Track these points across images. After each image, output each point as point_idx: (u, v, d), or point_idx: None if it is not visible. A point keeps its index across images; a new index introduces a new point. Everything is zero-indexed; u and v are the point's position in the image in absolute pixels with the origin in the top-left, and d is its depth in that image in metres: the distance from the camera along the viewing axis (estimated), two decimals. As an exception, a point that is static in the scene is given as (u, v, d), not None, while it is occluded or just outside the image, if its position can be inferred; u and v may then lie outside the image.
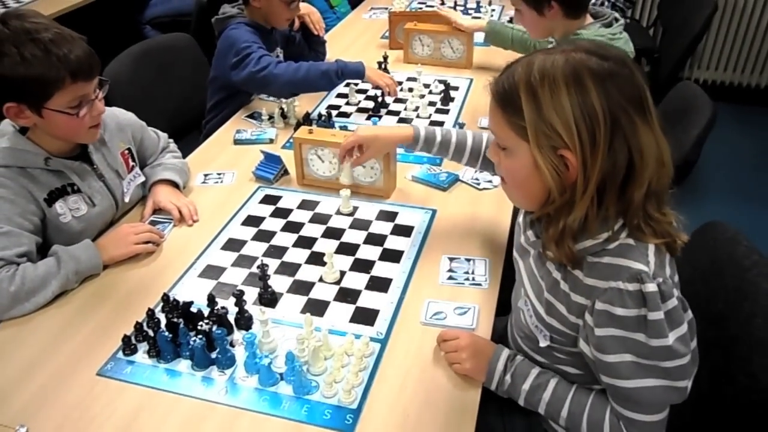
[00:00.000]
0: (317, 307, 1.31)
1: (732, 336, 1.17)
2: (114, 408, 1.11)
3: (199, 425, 1.08)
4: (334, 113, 2.10)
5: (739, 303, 1.18)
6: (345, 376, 1.14)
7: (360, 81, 2.17)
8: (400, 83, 2.32)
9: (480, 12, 3.04)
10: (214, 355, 1.18)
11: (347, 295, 1.34)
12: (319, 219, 1.60)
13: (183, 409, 1.11)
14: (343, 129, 1.89)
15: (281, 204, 1.66)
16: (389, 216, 1.60)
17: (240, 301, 1.26)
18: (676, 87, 2.05)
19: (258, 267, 1.34)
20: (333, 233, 1.54)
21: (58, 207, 1.41)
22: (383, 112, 2.14)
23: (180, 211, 1.58)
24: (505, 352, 1.15)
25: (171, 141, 1.79)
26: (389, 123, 2.04)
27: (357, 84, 2.29)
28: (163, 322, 1.22)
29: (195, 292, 1.35)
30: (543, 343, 1.11)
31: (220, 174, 1.79)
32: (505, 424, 1.26)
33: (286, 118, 2.06)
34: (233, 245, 1.50)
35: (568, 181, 0.97)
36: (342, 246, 1.50)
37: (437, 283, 1.38)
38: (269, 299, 1.32)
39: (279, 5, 2.12)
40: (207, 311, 1.24)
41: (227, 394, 1.13)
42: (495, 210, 1.62)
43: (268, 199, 1.68)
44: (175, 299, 1.27)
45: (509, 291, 1.30)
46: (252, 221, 1.59)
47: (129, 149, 1.61)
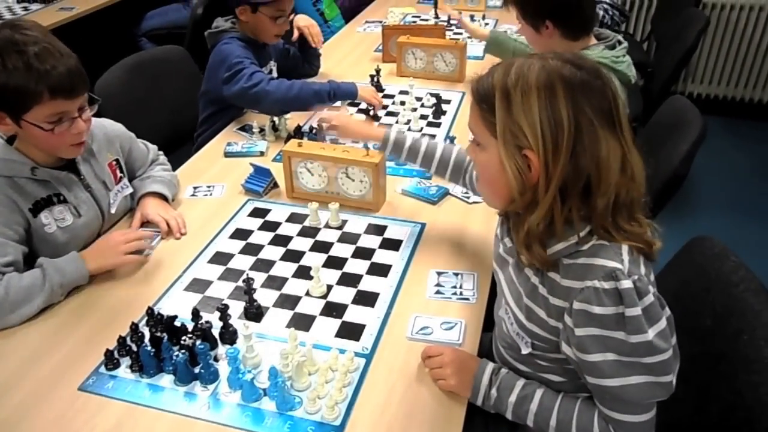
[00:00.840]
0: (303, 322, 1.30)
1: (718, 352, 1.16)
2: (95, 424, 1.10)
3: (180, 441, 1.07)
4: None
5: (726, 319, 1.17)
6: (329, 391, 1.13)
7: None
8: (392, 96, 2.33)
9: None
10: (197, 370, 1.17)
11: (333, 310, 1.34)
12: (308, 232, 1.59)
13: (164, 425, 1.09)
14: (334, 142, 1.89)
15: (270, 217, 1.65)
16: (378, 230, 1.60)
17: (224, 316, 1.25)
18: (666, 101, 2.05)
19: (244, 281, 1.33)
20: (321, 247, 1.54)
21: (43, 217, 1.41)
22: (375, 125, 2.13)
23: (168, 224, 1.57)
24: (490, 366, 1.14)
25: (161, 153, 1.79)
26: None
27: (349, 97, 2.30)
28: (147, 336, 1.21)
29: (180, 305, 1.34)
30: (525, 350, 1.11)
31: (209, 187, 1.79)
32: (491, 439, 1.25)
33: (277, 131, 2.06)
34: (220, 258, 1.49)
35: (530, 183, 0.99)
36: (330, 260, 1.49)
37: (424, 298, 1.37)
38: (255, 314, 1.32)
39: (266, 21, 2.11)
40: (191, 326, 1.24)
41: (209, 409, 1.11)
42: (484, 224, 1.61)
43: (256, 212, 1.67)
44: (160, 313, 1.26)
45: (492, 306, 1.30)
46: (240, 234, 1.58)
47: (117, 160, 1.60)
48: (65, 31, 3.37)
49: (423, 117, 2.17)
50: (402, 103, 2.24)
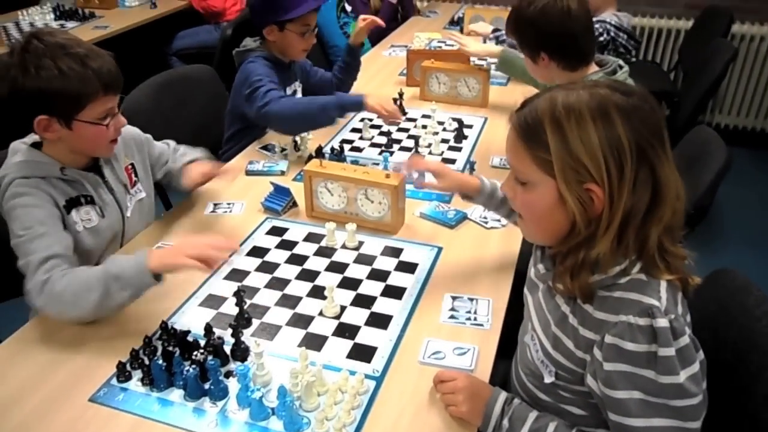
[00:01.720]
0: (315, 342, 1.30)
1: (740, 388, 1.13)
2: (103, 436, 1.10)
3: (187, 457, 1.06)
4: (347, 147, 2.12)
5: (748, 354, 1.14)
6: (337, 413, 1.12)
7: (359, 111, 2.11)
8: (414, 120, 2.34)
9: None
10: (207, 386, 1.17)
11: (346, 331, 1.33)
12: (324, 252, 1.59)
13: (172, 440, 1.09)
14: (354, 163, 1.90)
15: (287, 236, 1.66)
16: (394, 252, 1.59)
17: (236, 332, 1.25)
18: (692, 131, 2.03)
19: (234, 293, 1.34)
20: (337, 267, 1.53)
21: (74, 215, 1.44)
22: (396, 147, 2.15)
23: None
24: (503, 395, 1.12)
25: (180, 146, 1.85)
26: (401, 158, 2.05)
27: (371, 119, 2.31)
28: (160, 350, 1.22)
29: (194, 321, 1.35)
30: (548, 380, 1.09)
31: (229, 204, 1.81)
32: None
33: (299, 150, 2.08)
34: (236, 276, 1.50)
35: (592, 216, 0.97)
36: (345, 280, 1.49)
37: (438, 322, 1.36)
38: (244, 324, 1.33)
39: (293, 37, 2.15)
40: (204, 341, 1.24)
41: (217, 426, 1.11)
42: (502, 249, 1.60)
43: (274, 231, 1.68)
44: (173, 327, 1.27)
45: (515, 332, 1.28)
46: (257, 252, 1.59)
47: (132, 164, 1.64)
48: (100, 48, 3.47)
49: (444, 141, 2.17)
50: (424, 127, 2.25)
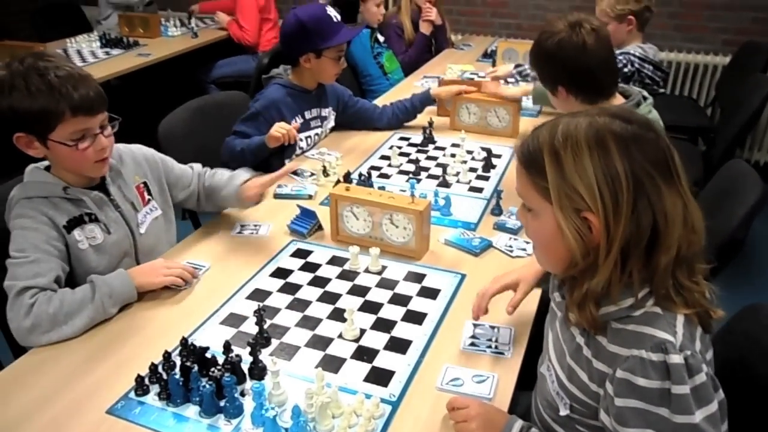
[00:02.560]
0: (333, 364, 1.29)
1: (765, 427, 1.08)
2: (118, 448, 1.10)
3: (198, 474, 1.06)
4: (375, 174, 2.13)
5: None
6: (351, 436, 1.10)
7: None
8: (443, 149, 2.35)
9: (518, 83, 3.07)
10: (222, 403, 1.17)
11: (364, 354, 1.32)
12: (347, 276, 1.59)
13: (185, 456, 1.09)
14: (381, 189, 1.90)
15: (311, 258, 1.67)
16: (417, 277, 1.59)
17: (254, 351, 1.25)
18: (726, 165, 1.99)
19: (255, 312, 1.35)
20: (359, 291, 1.53)
21: (76, 234, 1.48)
22: (423, 175, 2.15)
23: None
24: (519, 423, 1.09)
25: (208, 168, 1.88)
26: (428, 187, 2.04)
27: (401, 147, 2.33)
28: (178, 365, 1.23)
29: (214, 338, 1.35)
30: (563, 412, 1.06)
31: (256, 225, 1.83)
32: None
33: (327, 176, 2.10)
34: (258, 296, 1.51)
35: (591, 244, 0.95)
36: (366, 304, 1.48)
37: (458, 349, 1.34)
38: (263, 344, 1.33)
39: (329, 63, 2.24)
40: (222, 359, 1.24)
41: (230, 444, 1.11)
42: (526, 278, 1.57)
43: (299, 253, 1.69)
44: (192, 344, 1.27)
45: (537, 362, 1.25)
46: (280, 273, 1.60)
47: (145, 183, 1.67)
48: (141, 75, 3.60)
49: (472, 170, 2.17)
50: (452, 156, 2.26)
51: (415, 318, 1.43)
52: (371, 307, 1.47)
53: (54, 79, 1.36)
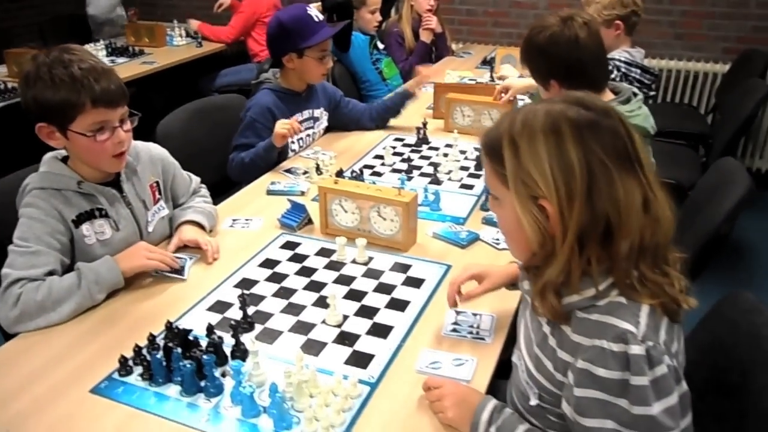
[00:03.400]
0: (314, 347, 1.31)
1: (743, 409, 1.08)
2: (99, 425, 1.12)
3: (176, 449, 1.07)
4: (367, 172, 2.16)
5: (754, 374, 1.10)
6: (327, 414, 1.12)
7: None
8: (437, 149, 2.37)
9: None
10: (203, 384, 1.18)
11: (346, 338, 1.33)
12: (334, 266, 1.61)
13: (163, 432, 1.11)
14: (373, 184, 1.92)
15: (300, 250, 1.69)
16: (403, 268, 1.60)
17: (236, 333, 1.27)
18: (716, 162, 2.00)
19: (239, 296, 1.37)
20: (344, 280, 1.55)
21: (84, 228, 1.50)
22: (416, 173, 2.17)
23: (201, 247, 1.63)
24: (492, 402, 1.10)
25: (203, 186, 1.88)
26: (420, 184, 2.07)
27: (395, 147, 2.36)
28: (161, 347, 1.25)
29: (200, 323, 1.37)
30: (533, 401, 1.06)
31: (248, 219, 1.85)
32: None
33: (320, 174, 2.13)
34: (245, 284, 1.53)
35: (549, 233, 0.95)
36: (350, 292, 1.50)
37: (440, 334, 1.35)
38: (246, 328, 1.35)
39: (312, 62, 2.27)
40: (205, 342, 1.26)
41: (208, 421, 1.12)
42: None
43: (288, 245, 1.71)
44: (177, 327, 1.30)
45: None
46: (268, 264, 1.62)
47: (157, 182, 1.70)
48: (146, 82, 3.66)
49: (464, 168, 2.19)
50: (445, 155, 2.28)
51: (399, 305, 1.45)
52: (355, 295, 1.48)
53: (77, 71, 1.40)
